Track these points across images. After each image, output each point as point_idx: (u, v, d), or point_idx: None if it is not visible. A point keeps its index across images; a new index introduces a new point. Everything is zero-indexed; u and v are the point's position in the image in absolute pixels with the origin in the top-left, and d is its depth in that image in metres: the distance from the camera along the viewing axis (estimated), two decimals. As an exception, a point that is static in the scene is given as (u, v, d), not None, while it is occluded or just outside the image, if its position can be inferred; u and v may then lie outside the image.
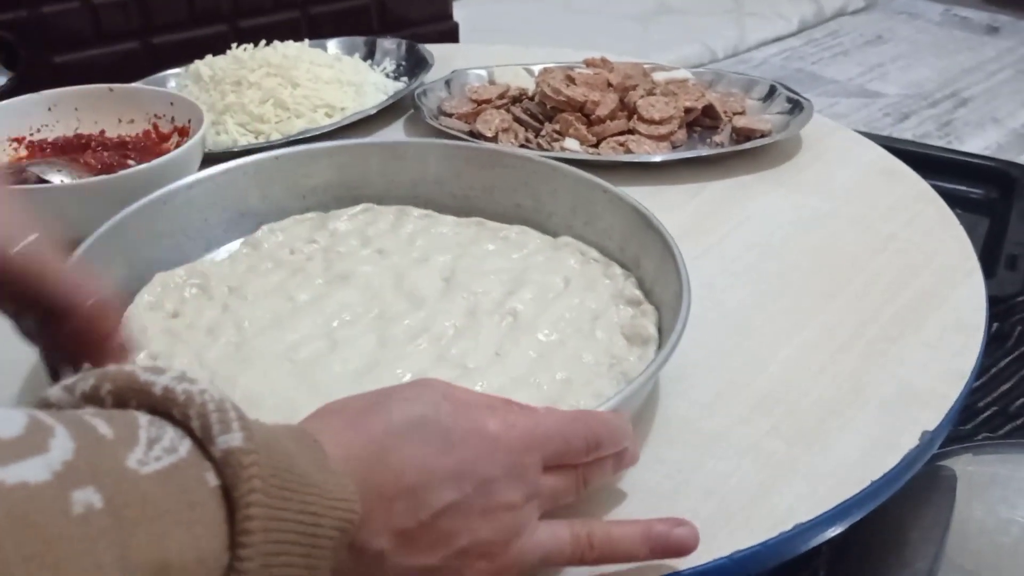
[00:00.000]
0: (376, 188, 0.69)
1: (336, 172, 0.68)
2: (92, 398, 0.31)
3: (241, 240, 0.65)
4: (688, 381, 0.56)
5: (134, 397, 0.31)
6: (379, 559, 0.36)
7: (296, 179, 0.67)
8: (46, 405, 0.31)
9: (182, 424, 0.30)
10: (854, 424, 0.53)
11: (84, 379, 0.31)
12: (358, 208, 0.67)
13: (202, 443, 0.30)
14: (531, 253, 0.63)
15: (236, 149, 0.82)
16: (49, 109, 0.75)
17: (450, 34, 1.56)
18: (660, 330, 0.56)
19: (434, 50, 1.02)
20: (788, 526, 0.46)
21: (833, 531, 0.48)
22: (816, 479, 0.49)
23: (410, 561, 0.37)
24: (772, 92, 0.92)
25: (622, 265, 0.61)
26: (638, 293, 0.58)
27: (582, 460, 0.42)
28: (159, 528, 0.27)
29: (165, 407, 0.31)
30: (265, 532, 0.30)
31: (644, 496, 0.48)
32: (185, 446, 0.30)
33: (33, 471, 0.25)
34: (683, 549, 0.42)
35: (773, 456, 0.51)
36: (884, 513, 0.53)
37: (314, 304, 0.58)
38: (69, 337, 0.41)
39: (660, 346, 0.54)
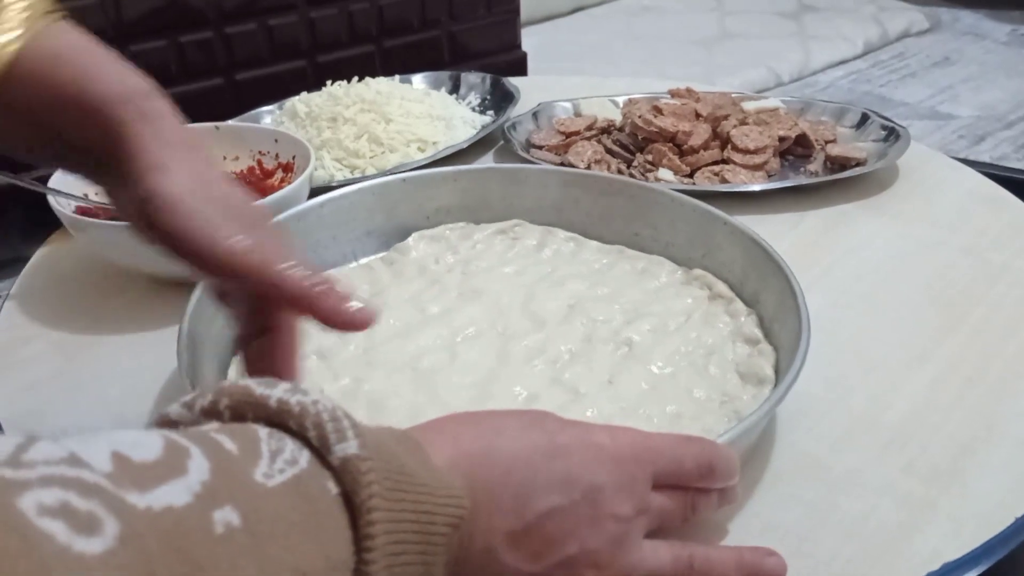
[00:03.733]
0: (496, 211, 0.70)
1: (459, 195, 0.70)
2: (211, 413, 0.32)
3: (388, 249, 0.68)
4: (812, 417, 0.55)
5: (250, 410, 0.32)
6: (489, 557, 0.36)
7: (421, 201, 0.69)
8: (167, 421, 0.32)
9: (299, 435, 0.31)
10: (991, 460, 0.52)
11: (202, 395, 0.32)
12: (510, 223, 0.69)
13: (319, 452, 0.31)
14: (662, 286, 0.63)
15: (334, 184, 0.83)
16: (157, 148, 0.77)
17: (519, 63, 1.56)
18: (777, 371, 0.55)
19: (514, 82, 1.02)
20: (935, 566, 0.46)
21: (978, 570, 0.47)
22: (958, 518, 0.48)
23: (517, 563, 0.37)
24: (864, 120, 0.91)
25: (743, 300, 0.61)
26: (757, 332, 0.58)
27: (693, 484, 0.42)
28: (291, 540, 0.28)
29: (281, 419, 0.32)
30: (387, 534, 0.31)
31: (783, 535, 0.47)
32: (304, 457, 0.31)
33: (176, 494, 0.26)
34: None
35: (911, 495, 0.50)
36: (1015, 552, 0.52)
37: (443, 317, 0.60)
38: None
39: (776, 387, 0.54)
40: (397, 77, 1.00)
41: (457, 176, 0.70)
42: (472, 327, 0.59)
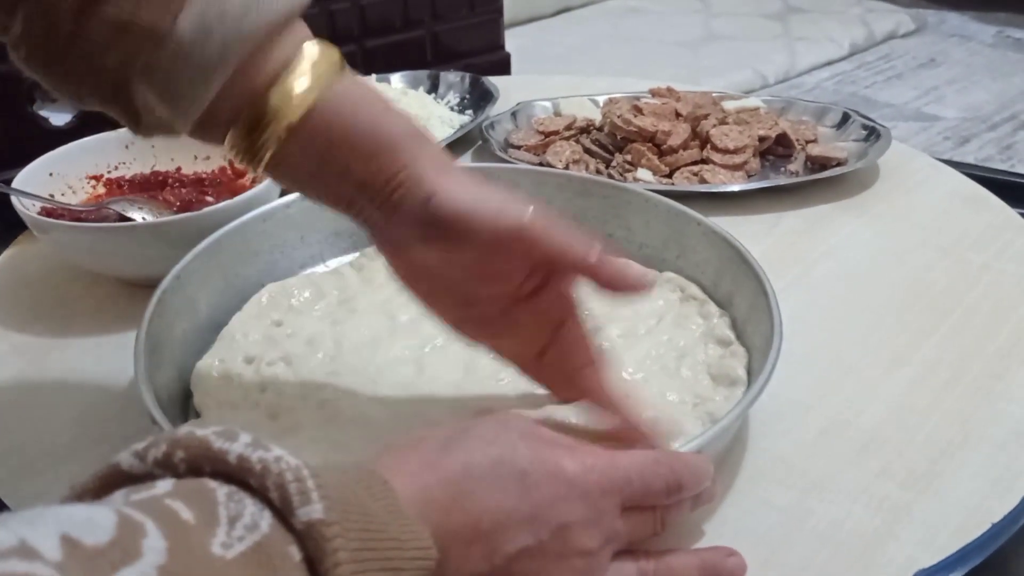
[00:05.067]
0: None
1: None
2: (165, 464, 0.31)
3: (356, 253, 0.67)
4: (787, 421, 0.55)
5: (208, 464, 0.30)
6: None
7: None
8: (118, 472, 0.31)
9: (259, 492, 0.30)
10: (967, 465, 0.51)
11: (156, 445, 0.31)
12: None
13: (282, 513, 0.30)
14: None
15: (308, 184, 0.82)
16: (126, 147, 0.76)
17: (502, 64, 1.55)
18: (750, 372, 0.54)
19: (495, 82, 1.01)
20: (910, 573, 0.45)
21: (953, 579, 0.46)
22: (934, 524, 0.47)
23: None
24: (845, 119, 0.90)
25: (716, 302, 0.60)
26: (729, 333, 0.57)
27: (662, 502, 0.42)
28: None
29: (241, 476, 0.30)
30: None
31: (756, 543, 0.46)
32: (266, 520, 0.29)
33: None
34: None
35: (886, 499, 0.49)
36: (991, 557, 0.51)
37: (412, 325, 0.58)
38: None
39: (749, 388, 0.53)
40: (374, 76, 0.98)
41: None
42: (440, 337, 0.57)
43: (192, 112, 0.43)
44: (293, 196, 0.65)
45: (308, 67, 0.43)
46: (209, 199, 0.71)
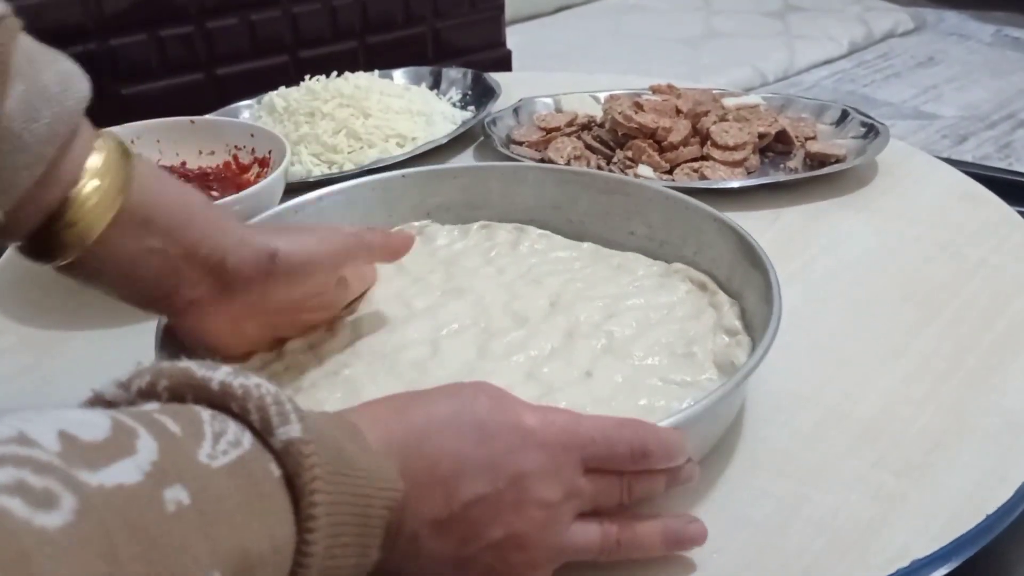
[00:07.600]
0: (496, 209, 0.70)
1: (459, 192, 0.70)
2: (148, 394, 0.32)
3: None
4: (787, 411, 0.55)
5: (190, 392, 0.32)
6: (415, 543, 0.37)
7: (422, 197, 0.68)
8: (101, 401, 0.32)
9: (240, 418, 0.32)
10: (962, 455, 0.52)
11: (140, 376, 0.32)
12: (476, 225, 0.69)
13: (262, 435, 0.31)
14: (641, 279, 0.63)
15: (311, 179, 0.83)
16: (132, 141, 0.76)
17: (503, 61, 1.56)
18: None
19: (496, 78, 1.02)
20: (905, 562, 0.45)
21: (948, 567, 0.47)
22: (929, 513, 0.48)
23: (444, 549, 0.38)
24: (844, 117, 0.91)
25: (729, 295, 0.61)
26: (737, 324, 0.58)
27: (627, 468, 0.42)
28: (237, 519, 0.29)
29: (223, 401, 0.32)
30: (328, 516, 0.32)
31: (754, 530, 0.47)
32: (248, 439, 0.31)
33: (127, 473, 0.26)
34: (695, 543, 0.45)
35: (882, 489, 0.50)
36: (985, 548, 0.52)
37: (428, 312, 0.59)
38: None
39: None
40: (377, 72, 0.99)
41: (457, 174, 0.70)
42: (456, 323, 0.58)
43: (7, 203, 0.41)
44: (325, 190, 0.66)
45: (106, 157, 0.44)
46: (214, 193, 0.72)
